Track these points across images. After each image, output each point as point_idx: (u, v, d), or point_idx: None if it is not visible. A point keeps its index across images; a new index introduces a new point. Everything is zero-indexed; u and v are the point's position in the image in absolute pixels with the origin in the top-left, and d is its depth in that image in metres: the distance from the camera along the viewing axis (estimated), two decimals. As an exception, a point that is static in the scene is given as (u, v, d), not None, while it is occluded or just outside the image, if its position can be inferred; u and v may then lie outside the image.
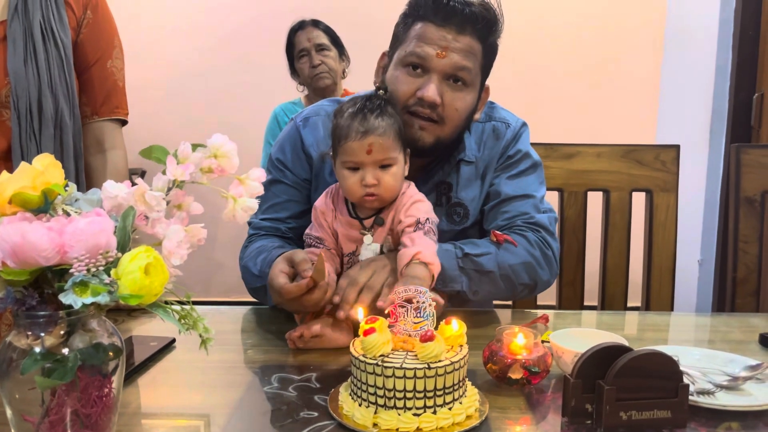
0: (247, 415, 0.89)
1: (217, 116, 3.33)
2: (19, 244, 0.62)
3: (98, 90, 1.49)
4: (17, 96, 1.34)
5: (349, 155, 1.13)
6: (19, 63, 1.34)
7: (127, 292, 0.64)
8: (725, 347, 1.11)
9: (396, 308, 0.89)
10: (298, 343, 1.10)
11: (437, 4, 1.21)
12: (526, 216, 1.32)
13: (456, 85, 1.23)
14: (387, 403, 0.82)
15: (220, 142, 0.77)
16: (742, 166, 1.64)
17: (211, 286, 3.52)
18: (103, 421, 0.70)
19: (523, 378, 0.94)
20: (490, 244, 1.27)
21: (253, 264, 1.27)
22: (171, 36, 3.39)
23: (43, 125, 1.37)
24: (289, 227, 1.35)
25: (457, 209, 1.33)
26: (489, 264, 1.24)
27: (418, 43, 1.21)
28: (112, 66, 1.50)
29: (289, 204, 1.36)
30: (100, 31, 1.48)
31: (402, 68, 1.23)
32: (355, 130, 1.12)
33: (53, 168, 0.69)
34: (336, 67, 2.56)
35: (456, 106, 1.23)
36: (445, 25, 1.20)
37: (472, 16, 1.20)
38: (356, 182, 1.14)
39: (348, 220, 1.20)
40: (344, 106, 1.17)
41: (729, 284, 1.66)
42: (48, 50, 1.37)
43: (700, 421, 0.86)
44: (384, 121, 1.13)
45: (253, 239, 1.35)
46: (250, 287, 1.32)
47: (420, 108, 1.21)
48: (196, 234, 0.76)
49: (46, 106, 1.37)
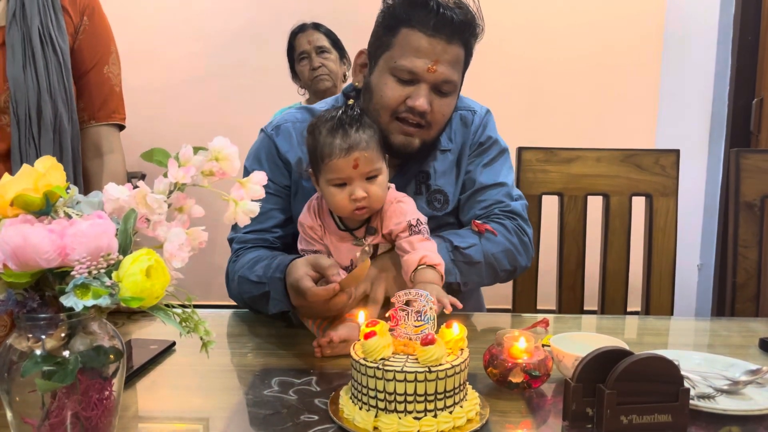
0: (247, 419, 0.88)
1: (216, 120, 3.32)
2: (20, 246, 0.62)
3: (95, 95, 1.50)
4: (16, 102, 1.34)
5: (335, 173, 1.12)
6: (18, 69, 1.35)
7: (128, 295, 0.64)
8: (725, 352, 1.11)
9: (397, 312, 0.89)
10: (326, 350, 1.08)
11: (428, 13, 1.20)
12: (501, 204, 1.36)
13: (442, 93, 1.25)
14: (388, 407, 0.82)
15: (222, 144, 0.77)
16: (742, 171, 1.65)
17: (210, 289, 3.51)
18: (103, 424, 0.70)
19: (523, 382, 0.94)
20: (473, 235, 1.30)
21: (251, 272, 1.25)
22: (169, 40, 3.39)
23: (42, 130, 1.37)
24: (276, 236, 1.34)
25: (437, 196, 1.35)
26: (477, 255, 1.28)
27: (408, 56, 1.21)
28: (108, 72, 1.50)
29: (273, 212, 1.34)
30: (97, 37, 1.48)
31: (390, 76, 1.23)
32: (338, 148, 1.11)
33: (55, 170, 0.69)
34: (336, 70, 2.56)
35: (443, 112, 1.27)
36: (435, 36, 1.20)
37: (461, 25, 1.21)
38: (345, 198, 1.13)
39: (339, 234, 1.20)
40: (318, 122, 1.15)
41: (729, 289, 1.66)
42: (47, 56, 1.37)
43: (700, 425, 0.86)
44: (365, 134, 1.13)
45: (240, 253, 1.34)
46: (247, 296, 1.29)
47: (410, 115, 1.23)
48: (197, 237, 0.76)
49: (46, 112, 1.37)
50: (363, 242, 1.19)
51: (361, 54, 1.32)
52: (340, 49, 2.60)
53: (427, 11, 1.20)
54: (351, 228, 1.20)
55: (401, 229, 1.16)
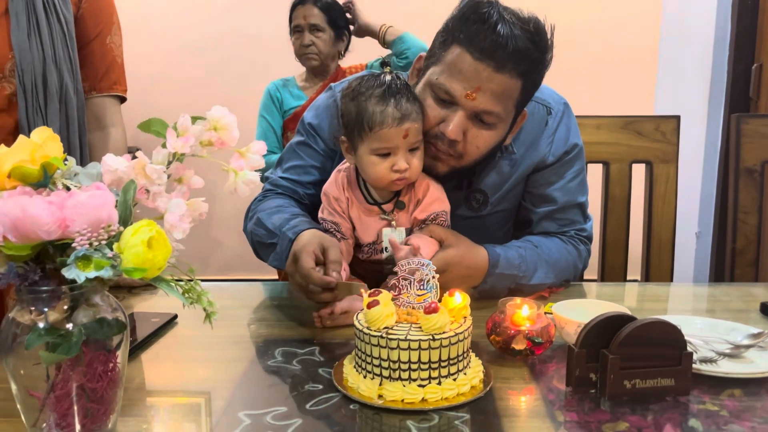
0: (253, 389, 0.89)
1: (210, 92, 3.30)
2: (19, 218, 0.61)
3: (98, 65, 1.47)
4: (22, 70, 1.32)
5: (382, 142, 1.09)
6: (23, 37, 1.32)
7: (131, 266, 0.63)
8: (726, 316, 1.11)
9: (399, 281, 0.89)
10: (326, 321, 1.08)
11: (483, 32, 1.07)
12: (578, 226, 1.33)
13: (482, 123, 1.13)
14: (392, 375, 0.82)
15: (220, 114, 0.76)
16: (742, 136, 1.64)
17: (209, 263, 3.53)
18: (108, 395, 0.70)
19: (526, 349, 0.94)
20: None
21: (268, 219, 1.23)
22: (162, 12, 3.35)
23: (48, 99, 1.36)
24: (308, 193, 1.32)
25: (477, 195, 1.28)
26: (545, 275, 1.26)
27: (448, 77, 1.10)
28: (111, 42, 1.48)
29: (313, 170, 1.32)
30: (100, 6, 1.46)
31: (430, 92, 1.13)
32: (391, 116, 1.07)
33: (52, 141, 0.68)
34: (326, 50, 2.53)
35: (477, 144, 1.14)
36: (483, 60, 1.07)
37: (516, 53, 1.07)
38: (386, 168, 1.10)
39: (366, 207, 1.18)
40: (360, 88, 1.10)
41: (728, 255, 1.66)
42: (51, 24, 1.35)
43: (702, 388, 0.86)
44: (415, 105, 1.10)
45: (268, 195, 1.32)
46: (256, 238, 1.26)
47: (439, 141, 1.13)
48: (198, 208, 0.75)
49: (51, 81, 1.35)
50: (390, 217, 1.17)
51: (420, 59, 1.21)
52: (338, 28, 2.55)
53: (482, 29, 1.07)
54: (379, 202, 1.18)
55: (431, 219, 1.17)
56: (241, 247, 3.48)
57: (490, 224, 1.32)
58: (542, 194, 1.30)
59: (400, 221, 1.18)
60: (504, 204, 1.31)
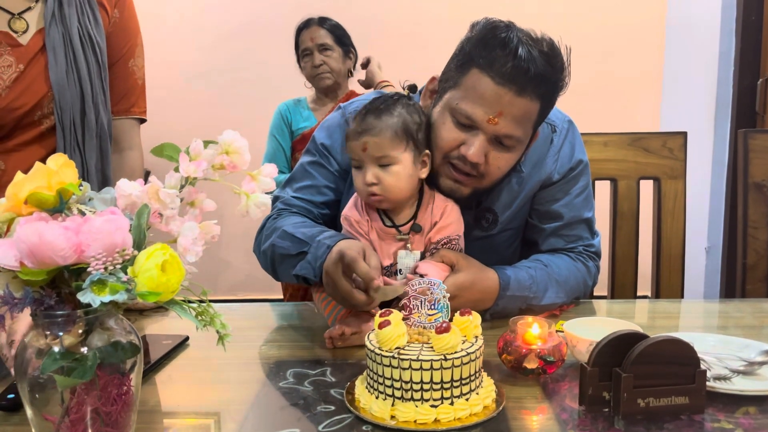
0: (265, 410, 0.89)
1: (221, 114, 3.33)
2: (36, 245, 0.62)
3: (117, 88, 1.46)
4: (61, 108, 1.32)
5: (350, 153, 1.16)
6: (61, 74, 1.31)
7: (145, 290, 0.64)
8: (739, 333, 1.10)
9: (410, 301, 0.89)
10: (337, 342, 1.08)
11: (504, 57, 1.08)
12: (586, 242, 1.33)
13: (502, 146, 1.14)
14: (404, 395, 0.82)
15: (232, 138, 0.77)
16: (750, 151, 1.64)
17: (217, 284, 3.53)
18: (123, 418, 0.71)
19: (538, 368, 0.94)
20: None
21: (296, 229, 1.21)
22: (172, 35, 3.38)
23: (87, 136, 1.36)
24: (322, 213, 1.31)
25: (486, 215, 1.28)
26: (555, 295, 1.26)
27: (469, 102, 1.11)
28: (133, 65, 1.48)
29: (327, 190, 1.32)
30: (126, 29, 1.46)
31: (450, 116, 1.14)
32: (353, 131, 1.14)
33: (67, 168, 0.69)
34: (338, 67, 2.56)
35: (498, 165, 1.16)
36: (505, 85, 1.08)
37: (536, 78, 1.08)
38: (361, 181, 1.15)
39: (383, 228, 1.18)
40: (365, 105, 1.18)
41: (739, 270, 1.66)
42: (87, 59, 1.35)
43: (717, 406, 0.86)
44: (382, 122, 1.12)
45: (283, 213, 1.30)
46: (278, 251, 1.23)
47: (460, 163, 1.14)
48: (210, 230, 0.76)
49: (90, 118, 1.35)
50: (407, 238, 1.17)
51: (433, 80, 1.22)
52: (345, 46, 2.58)
53: (503, 54, 1.08)
54: (397, 225, 1.18)
55: (443, 243, 1.18)
56: (249, 267, 3.50)
57: (499, 243, 1.32)
58: (548, 210, 1.31)
59: (416, 244, 1.18)
60: (513, 222, 1.31)
